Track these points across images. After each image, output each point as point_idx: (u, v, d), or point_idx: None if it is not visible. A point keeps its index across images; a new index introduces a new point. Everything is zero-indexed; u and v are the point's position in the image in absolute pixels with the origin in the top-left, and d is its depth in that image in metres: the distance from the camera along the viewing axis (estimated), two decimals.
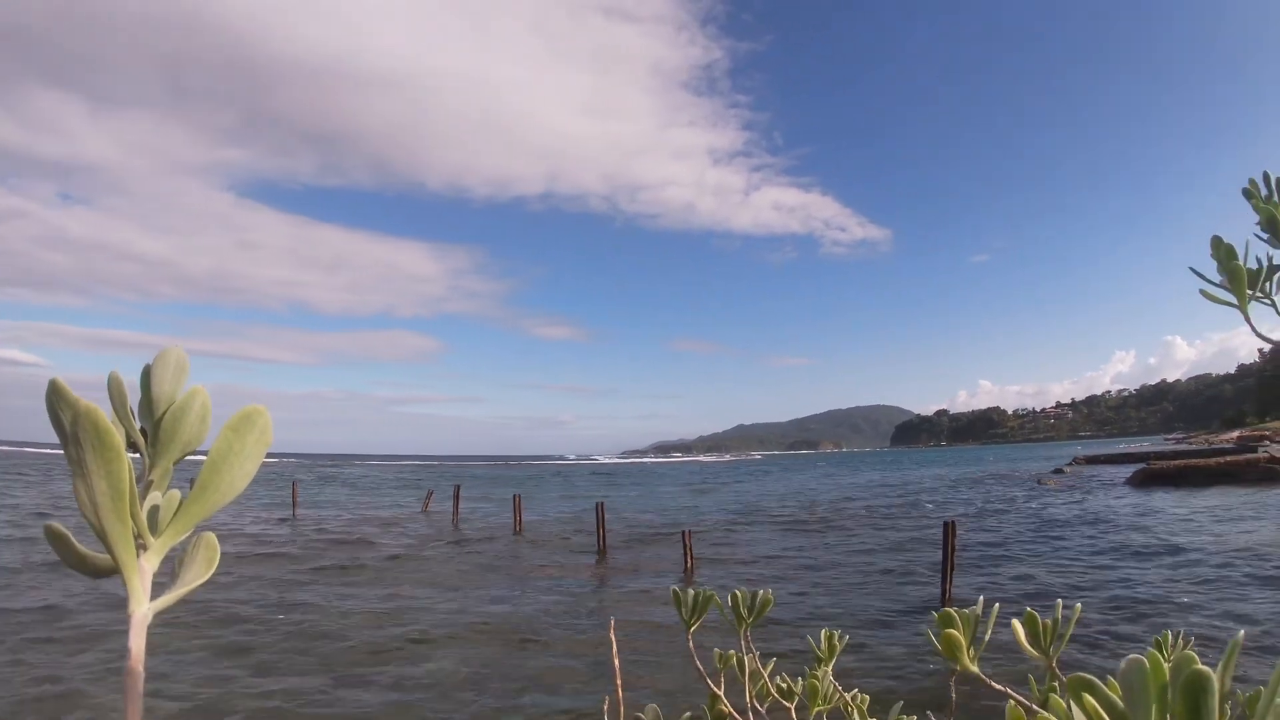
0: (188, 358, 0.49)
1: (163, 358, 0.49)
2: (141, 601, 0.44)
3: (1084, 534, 24.19)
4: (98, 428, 0.43)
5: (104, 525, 0.44)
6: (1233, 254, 1.25)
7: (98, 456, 0.43)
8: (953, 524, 15.19)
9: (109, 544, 0.44)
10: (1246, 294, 1.25)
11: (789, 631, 12.40)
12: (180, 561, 0.50)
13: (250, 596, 15.33)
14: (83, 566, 0.49)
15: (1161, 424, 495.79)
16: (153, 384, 0.48)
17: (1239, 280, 1.25)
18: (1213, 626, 12.28)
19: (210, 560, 0.50)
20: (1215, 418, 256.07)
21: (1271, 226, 1.29)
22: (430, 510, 36.67)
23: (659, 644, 12.19)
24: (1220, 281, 1.27)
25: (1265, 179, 1.34)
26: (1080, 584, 16.31)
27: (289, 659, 11.40)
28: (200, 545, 0.50)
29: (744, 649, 1.95)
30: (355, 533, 26.96)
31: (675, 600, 1.87)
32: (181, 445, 0.48)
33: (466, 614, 14.46)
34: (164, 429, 0.47)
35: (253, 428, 0.47)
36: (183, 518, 0.46)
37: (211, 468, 0.46)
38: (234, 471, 0.46)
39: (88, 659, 10.87)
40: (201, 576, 0.49)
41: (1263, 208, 1.31)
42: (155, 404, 0.48)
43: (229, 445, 0.46)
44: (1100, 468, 64.64)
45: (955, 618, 1.31)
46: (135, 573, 0.45)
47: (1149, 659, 0.59)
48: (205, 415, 0.49)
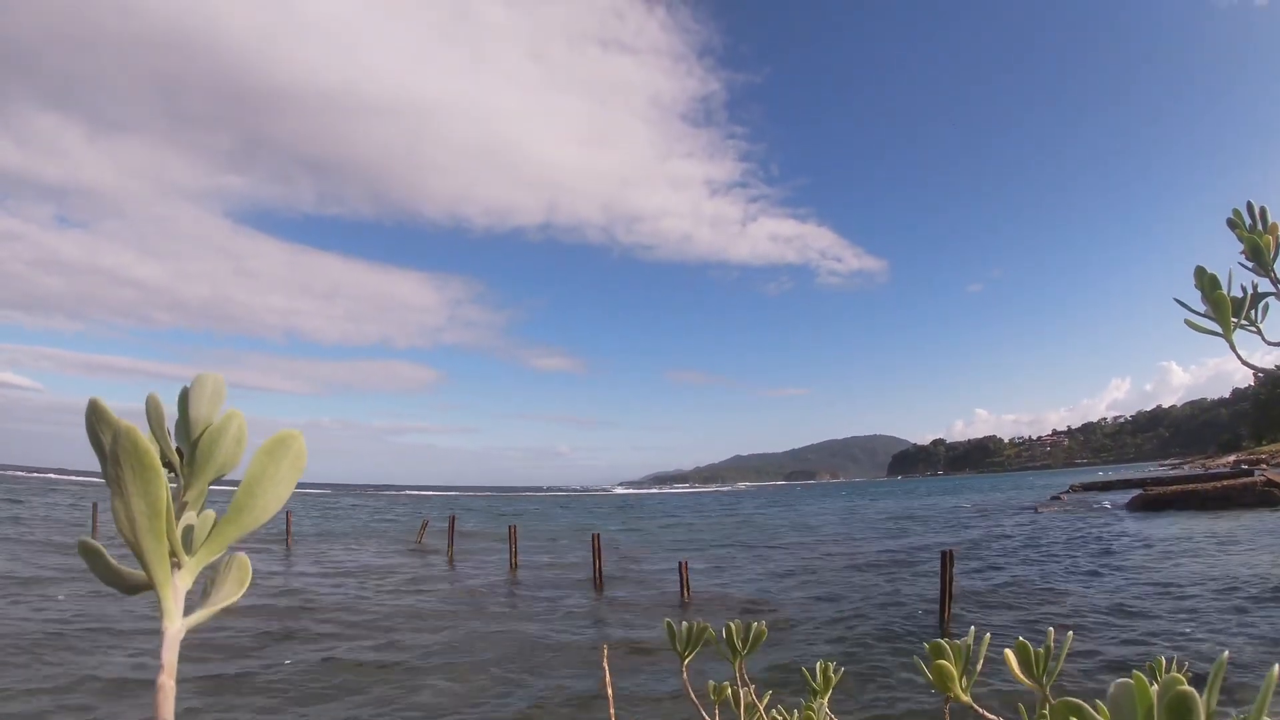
0: (224, 383, 0.52)
1: (200, 382, 0.51)
2: (175, 618, 0.46)
3: (1081, 560, 24.07)
4: (137, 447, 0.45)
5: (140, 542, 0.46)
6: (1216, 284, 1.28)
7: (136, 476, 0.45)
8: (950, 553, 15.13)
9: (144, 560, 0.46)
10: (1231, 323, 1.29)
11: (785, 660, 12.29)
12: (211, 580, 0.52)
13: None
14: (116, 581, 0.50)
15: (1158, 450, 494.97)
16: (190, 407, 0.50)
17: (1223, 310, 1.28)
18: (1210, 649, 12.21)
19: (242, 580, 0.52)
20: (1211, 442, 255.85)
21: (1255, 255, 1.33)
22: (424, 542, 36.38)
23: (655, 673, 12.07)
24: (1205, 311, 1.31)
25: (1249, 209, 1.38)
26: (1077, 610, 16.21)
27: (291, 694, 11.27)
28: (233, 565, 0.52)
29: (739, 681, 1.95)
30: (347, 562, 26.72)
31: (669, 633, 1.88)
32: (217, 467, 0.50)
33: (456, 644, 14.31)
34: (200, 450, 0.49)
35: (287, 452, 0.49)
36: (217, 538, 0.48)
37: (247, 490, 0.48)
38: (268, 495, 0.48)
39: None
40: (233, 596, 0.51)
41: (1246, 237, 1.35)
42: (193, 426, 0.50)
43: (263, 469, 0.48)
44: (1097, 494, 64.46)
45: (946, 648, 1.33)
46: (170, 589, 0.46)
47: (1135, 681, 0.61)
48: (241, 438, 0.51)
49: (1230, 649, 1.59)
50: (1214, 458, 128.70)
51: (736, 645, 1.87)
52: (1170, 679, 0.58)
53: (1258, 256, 1.32)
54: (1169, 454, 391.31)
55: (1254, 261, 1.33)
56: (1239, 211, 1.38)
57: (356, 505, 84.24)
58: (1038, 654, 1.24)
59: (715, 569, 26.09)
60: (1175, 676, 0.59)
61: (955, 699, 1.30)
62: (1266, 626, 13.90)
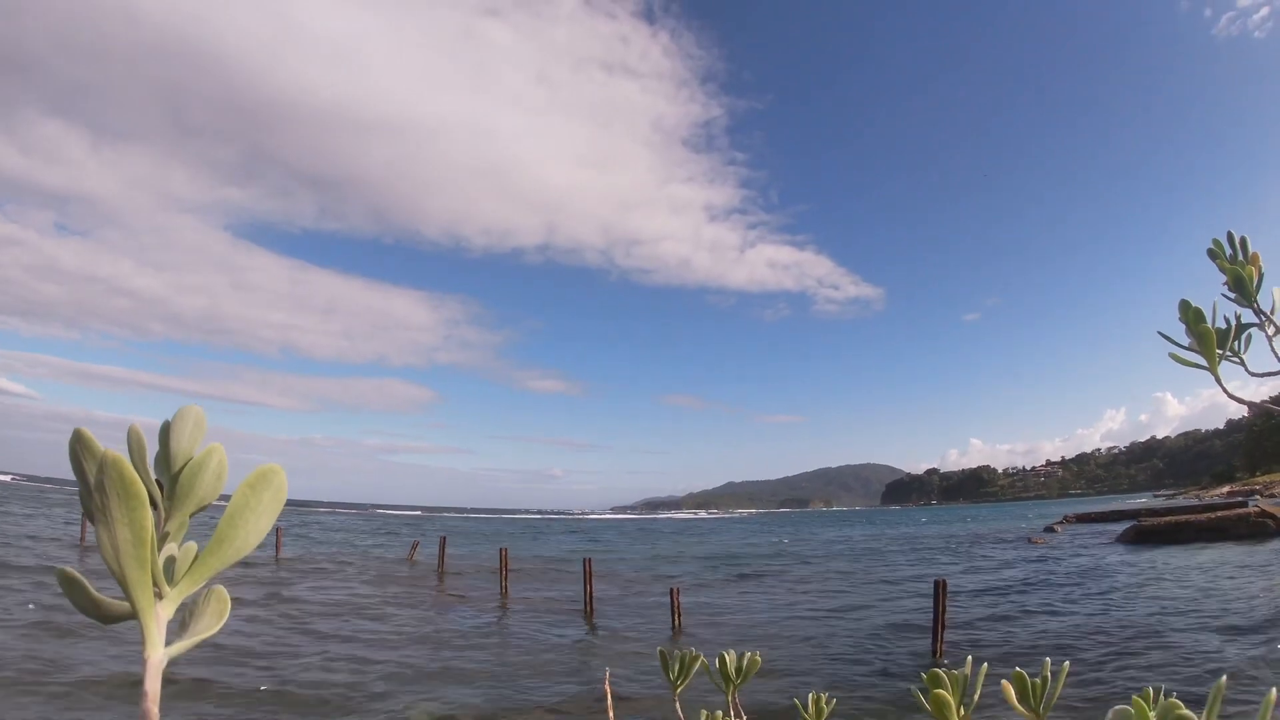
0: (206, 416, 0.52)
1: (182, 415, 0.52)
2: (157, 647, 0.46)
3: (1075, 591, 23.97)
4: (123, 475, 0.45)
5: (124, 571, 0.46)
6: (1200, 317, 1.29)
7: (122, 504, 0.46)
8: (943, 582, 15.08)
9: (128, 589, 0.46)
10: (1216, 355, 1.30)
11: (778, 689, 12.18)
12: (191, 612, 0.52)
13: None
14: (95, 611, 0.50)
15: (1152, 480, 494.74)
16: (172, 440, 0.51)
17: (1208, 343, 1.29)
18: (1202, 677, 12.15)
19: (220, 612, 0.52)
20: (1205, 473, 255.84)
21: (1238, 286, 1.35)
22: (415, 561, 36.20)
23: (648, 698, 11.94)
24: (1190, 344, 1.32)
25: (1230, 239, 1.40)
26: (1072, 641, 16.12)
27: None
28: (212, 597, 0.52)
29: (732, 711, 1.93)
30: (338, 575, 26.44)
31: (662, 661, 1.87)
32: (198, 500, 0.50)
33: (448, 670, 14.14)
34: (182, 483, 0.50)
35: (269, 485, 0.49)
36: (199, 569, 0.49)
37: (229, 522, 0.48)
38: (249, 527, 0.48)
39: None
40: (212, 628, 0.51)
41: (1229, 268, 1.37)
42: (174, 459, 0.50)
43: (245, 501, 0.48)
44: (1091, 525, 64.25)
45: (943, 678, 1.32)
46: (153, 619, 0.47)
47: (1135, 707, 0.61)
48: (221, 473, 0.51)
49: (1224, 677, 1.58)
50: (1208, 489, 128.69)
51: (730, 675, 1.86)
52: (1168, 704, 0.58)
53: (1240, 287, 1.34)
54: (1163, 485, 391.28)
55: (1237, 292, 1.34)
56: (1219, 242, 1.40)
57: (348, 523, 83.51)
58: (1034, 684, 1.24)
59: (707, 595, 25.91)
60: (1173, 701, 0.59)
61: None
62: (1258, 654, 13.84)
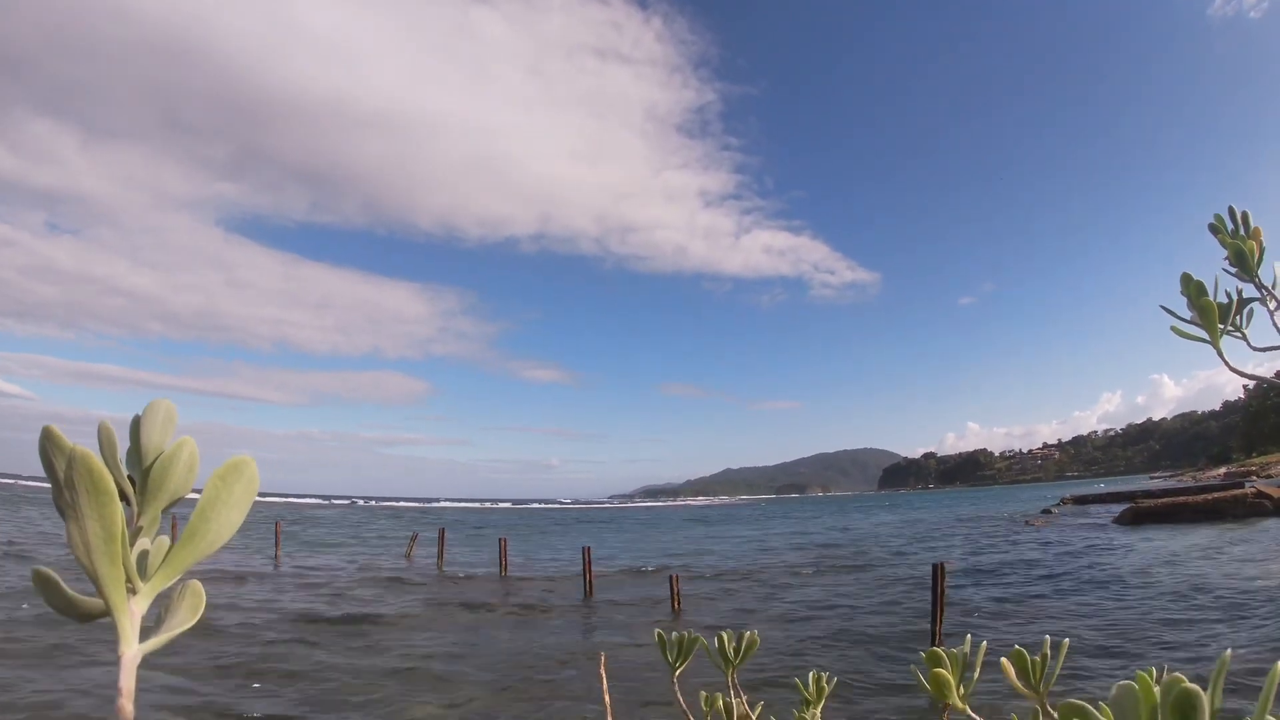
0: (176, 409, 0.50)
1: (152, 409, 0.50)
2: (131, 643, 0.45)
3: (1072, 573, 24.10)
4: (91, 471, 0.44)
5: (96, 567, 0.44)
6: (1202, 290, 1.28)
7: (91, 500, 0.44)
8: (942, 566, 15.14)
9: (101, 586, 0.45)
10: (1218, 329, 1.28)
11: (777, 671, 12.24)
12: (166, 607, 0.51)
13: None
14: (70, 610, 0.49)
15: (1148, 463, 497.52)
16: (142, 434, 0.49)
17: (1210, 316, 1.28)
18: (1202, 656, 12.26)
19: (196, 607, 0.50)
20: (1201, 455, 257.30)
21: (1240, 260, 1.33)
22: (414, 556, 36.11)
23: (648, 682, 12.00)
24: (1191, 318, 1.30)
25: (1231, 213, 1.38)
26: (1070, 623, 16.22)
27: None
28: (186, 592, 0.51)
29: (731, 692, 1.93)
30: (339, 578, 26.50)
31: (660, 643, 1.86)
32: (169, 494, 0.49)
33: (452, 655, 14.19)
34: (153, 478, 0.48)
35: (240, 477, 0.47)
36: (171, 563, 0.47)
37: (200, 515, 0.46)
38: (221, 520, 0.47)
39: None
40: (187, 622, 0.49)
41: (1230, 242, 1.35)
42: (145, 453, 0.49)
43: (217, 493, 0.47)
44: (1088, 507, 64.58)
45: (943, 657, 1.32)
46: (126, 615, 0.45)
47: (1139, 681, 0.60)
48: (193, 465, 0.50)
49: (1228, 651, 1.58)
50: (1205, 470, 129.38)
51: (729, 656, 1.86)
52: (1173, 679, 0.58)
53: (1241, 262, 1.32)
54: (1159, 467, 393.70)
55: (1238, 267, 1.33)
56: (1220, 217, 1.38)
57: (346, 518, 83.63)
58: (1034, 662, 1.23)
59: (706, 581, 26.01)
60: (1177, 676, 0.58)
61: (953, 708, 1.29)
62: (1258, 633, 13.94)
